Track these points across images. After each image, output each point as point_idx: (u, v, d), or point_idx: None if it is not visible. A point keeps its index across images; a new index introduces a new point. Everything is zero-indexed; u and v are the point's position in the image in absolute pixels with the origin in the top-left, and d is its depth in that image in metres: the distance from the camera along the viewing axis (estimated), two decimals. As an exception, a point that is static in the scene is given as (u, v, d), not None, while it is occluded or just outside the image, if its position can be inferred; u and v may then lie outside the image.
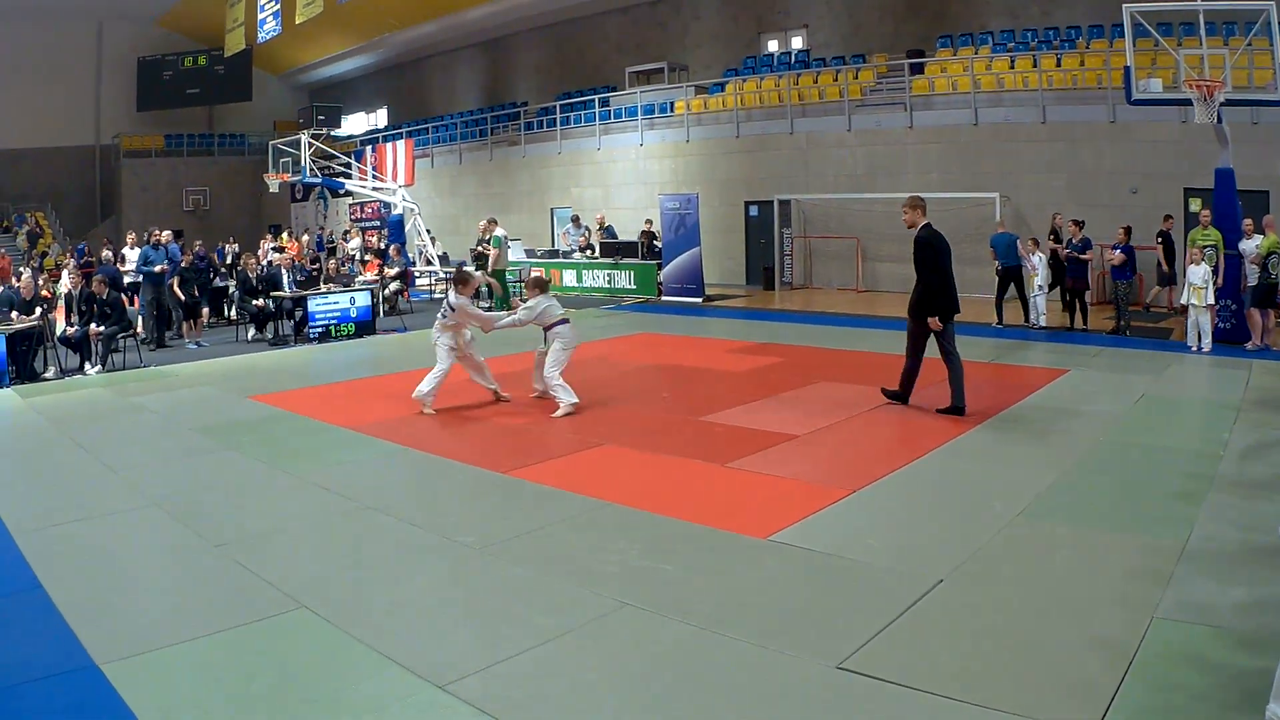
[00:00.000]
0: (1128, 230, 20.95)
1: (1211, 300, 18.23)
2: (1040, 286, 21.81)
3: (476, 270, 28.44)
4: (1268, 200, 22.35)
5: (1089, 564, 7.93)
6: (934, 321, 13.93)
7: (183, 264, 25.14)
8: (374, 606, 7.52)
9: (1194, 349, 18.18)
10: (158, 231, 24.89)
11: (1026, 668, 6.27)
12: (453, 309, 14.90)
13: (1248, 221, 19.13)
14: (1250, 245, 18.77)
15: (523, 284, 16.51)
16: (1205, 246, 18.58)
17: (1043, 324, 21.51)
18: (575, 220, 34.95)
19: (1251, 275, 18.65)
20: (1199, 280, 18.21)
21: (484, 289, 15.66)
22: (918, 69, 31.40)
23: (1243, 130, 21.99)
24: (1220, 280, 18.53)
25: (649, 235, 31.59)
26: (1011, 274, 22.36)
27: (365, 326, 24.37)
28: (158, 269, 23.15)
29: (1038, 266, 21.70)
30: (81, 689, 6.28)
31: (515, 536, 9.06)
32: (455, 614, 7.45)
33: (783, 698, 5.99)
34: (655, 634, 6.93)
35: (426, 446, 12.65)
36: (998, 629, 6.87)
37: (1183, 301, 18.94)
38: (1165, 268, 23.34)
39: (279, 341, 23.49)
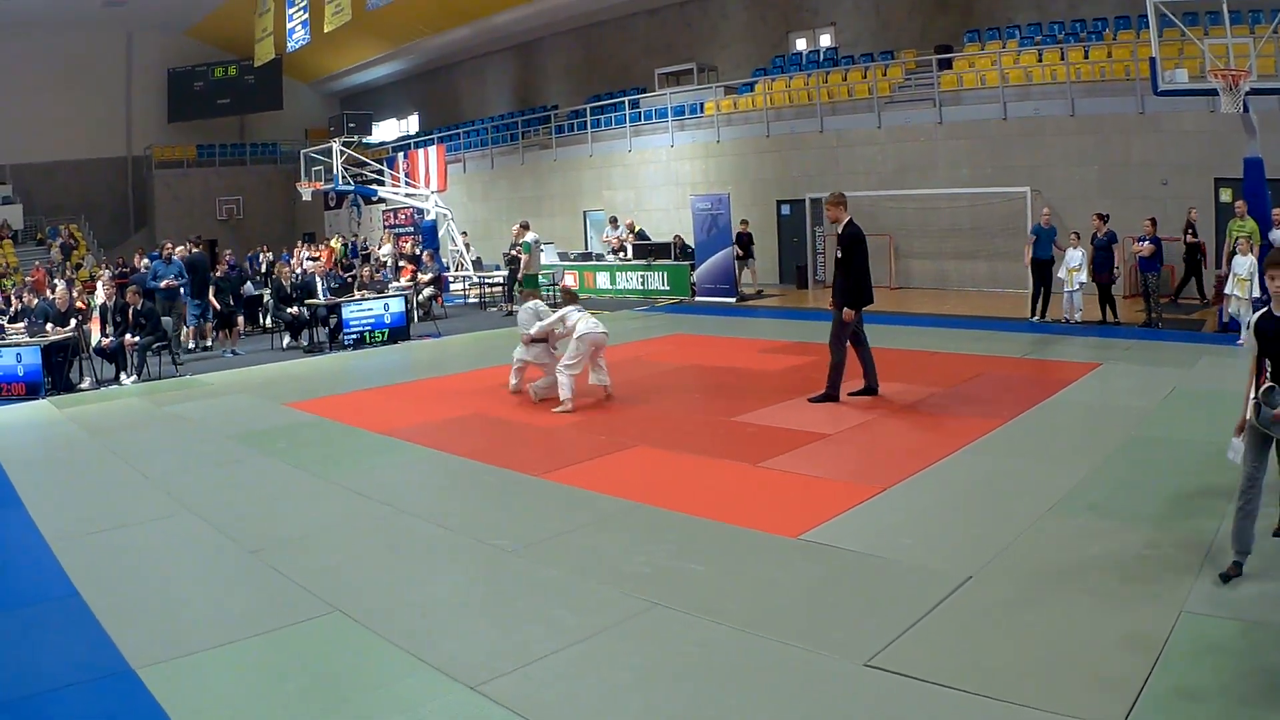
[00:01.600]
0: (1154, 222, 20.87)
1: (1257, 292, 17.97)
2: (1080, 282, 21.61)
3: (510, 273, 28.68)
4: (1299, 189, 22.13)
5: (1118, 559, 7.92)
6: (849, 313, 14.31)
7: (217, 274, 25.28)
8: (407, 609, 7.62)
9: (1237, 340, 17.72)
10: (169, 245, 24.84)
11: (1054, 663, 6.28)
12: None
13: (1278, 211, 19.00)
14: (1281, 235, 18.60)
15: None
16: (1240, 238, 18.41)
17: (1078, 319, 21.39)
18: (613, 221, 34.98)
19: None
20: (1244, 272, 17.87)
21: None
22: (946, 64, 31.31)
23: (1273, 119, 21.76)
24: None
25: (680, 242, 31.71)
26: (1041, 266, 22.25)
27: (400, 332, 24.48)
28: (164, 284, 23.04)
29: (1080, 262, 21.50)
30: (117, 693, 6.40)
31: (547, 539, 9.14)
32: (487, 616, 7.51)
33: (810, 696, 6.03)
34: (686, 634, 6.98)
35: (459, 450, 12.73)
36: (1026, 625, 6.89)
37: (1227, 292, 18.70)
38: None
39: (314, 349, 23.64)
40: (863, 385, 14.73)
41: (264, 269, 33.74)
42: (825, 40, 38.43)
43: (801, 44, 39.17)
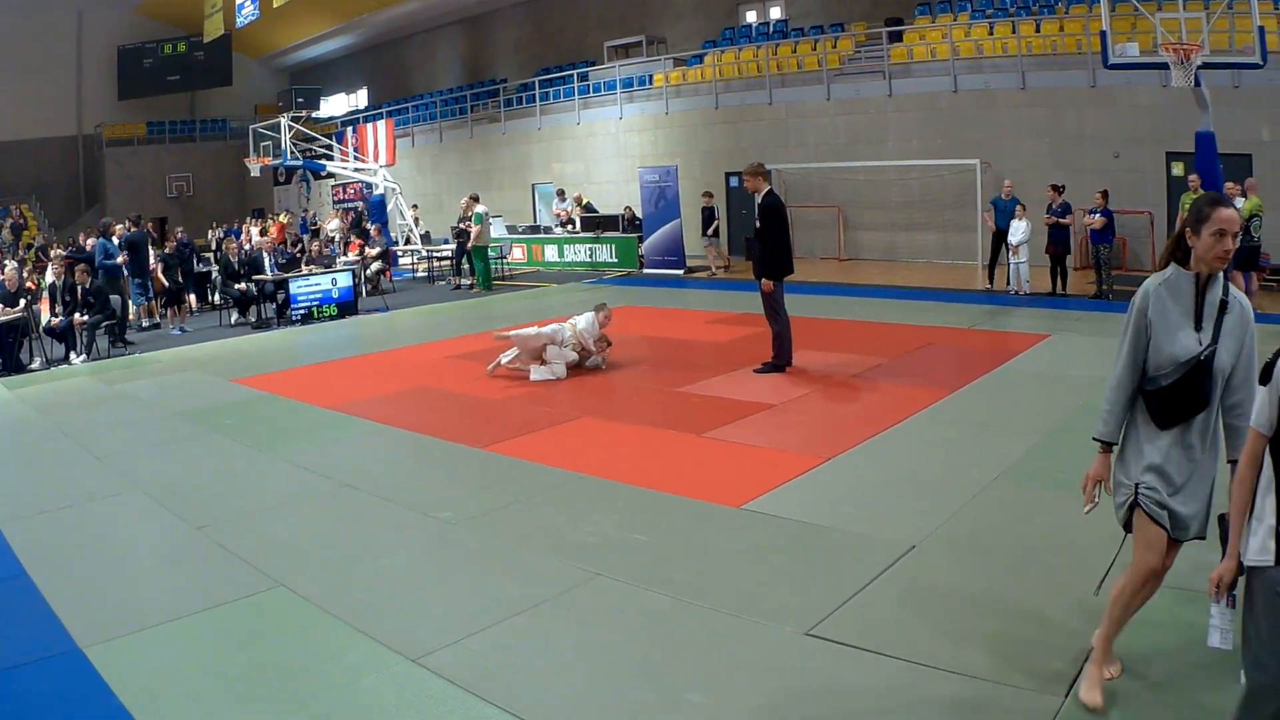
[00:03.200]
0: (1105, 194, 20.86)
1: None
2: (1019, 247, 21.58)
3: (459, 247, 28.53)
4: (1250, 163, 22.18)
5: (1066, 528, 7.82)
6: (767, 283, 14.34)
7: (166, 250, 25.04)
8: (352, 583, 7.58)
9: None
10: (112, 223, 24.53)
11: (999, 632, 6.24)
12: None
13: (1230, 184, 19.00)
14: (1233, 208, 18.56)
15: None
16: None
17: (1026, 290, 21.37)
18: (560, 194, 34.84)
19: (1233, 238, 18.48)
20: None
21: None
22: (896, 37, 31.23)
23: (1224, 94, 21.87)
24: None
25: (630, 213, 31.59)
26: (1001, 237, 22.22)
27: (348, 307, 24.25)
28: (119, 260, 22.77)
29: (1024, 235, 21.44)
30: (66, 673, 6.36)
31: (492, 511, 9.12)
32: (431, 588, 7.48)
33: (752, 665, 5.99)
34: (628, 604, 6.98)
35: (406, 424, 12.65)
36: (971, 594, 6.84)
37: None
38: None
39: (262, 325, 23.41)
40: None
41: (213, 245, 33.54)
42: (775, 13, 38.39)
43: (752, 16, 39.16)
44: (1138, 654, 5.79)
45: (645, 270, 29.97)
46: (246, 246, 26.87)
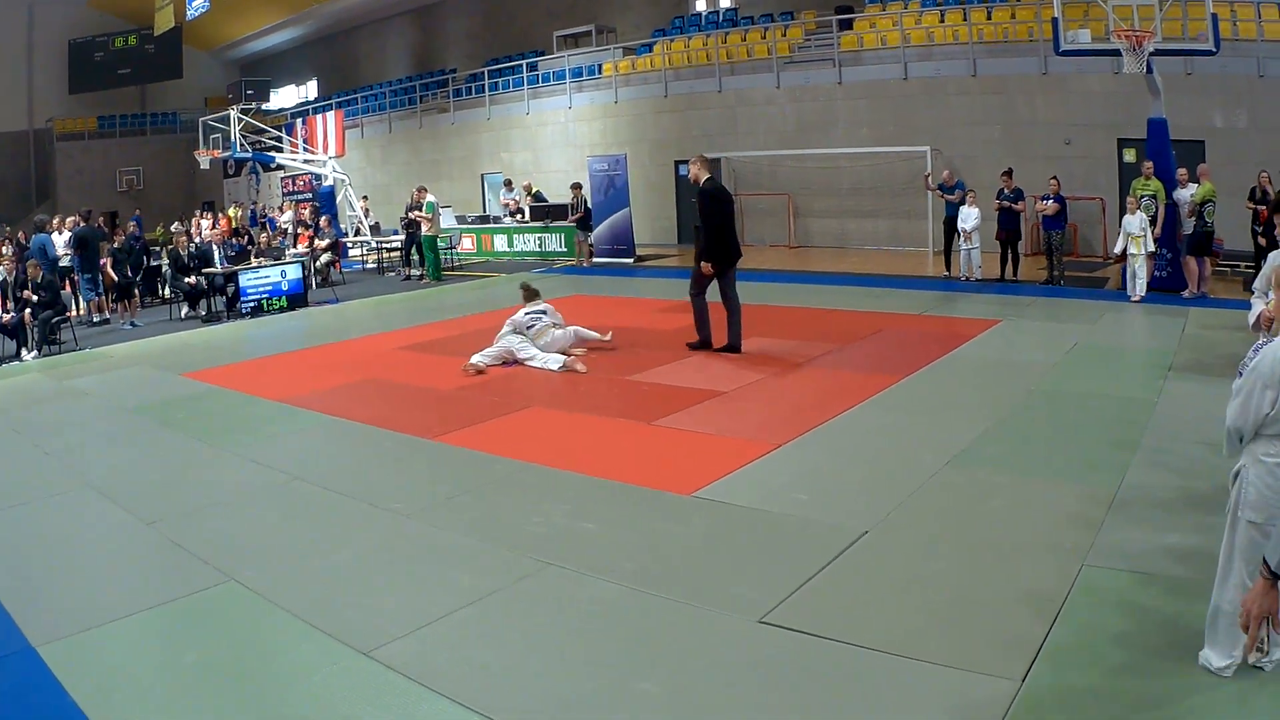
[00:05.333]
0: (1058, 180, 20.94)
1: (1151, 249, 18.23)
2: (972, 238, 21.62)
3: (408, 238, 28.37)
4: (1203, 150, 22.40)
5: (1019, 512, 7.87)
6: (707, 267, 14.67)
7: (115, 244, 24.78)
8: (303, 576, 7.53)
9: (1131, 297, 18.20)
10: (49, 220, 24.30)
11: (953, 618, 6.21)
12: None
13: (1182, 171, 19.12)
14: (1185, 194, 18.79)
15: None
16: (1144, 196, 18.52)
17: (978, 276, 21.41)
18: (508, 184, 34.72)
19: (1187, 224, 18.62)
20: (1137, 229, 18.23)
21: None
22: (846, 25, 31.26)
23: (1177, 81, 22.09)
24: (1159, 230, 18.47)
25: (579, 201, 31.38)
26: (953, 225, 22.27)
27: (297, 299, 24.03)
28: (62, 255, 22.43)
29: (974, 222, 21.44)
30: (18, 672, 6.31)
31: (442, 502, 9.07)
32: (381, 581, 7.41)
33: (704, 653, 5.97)
34: (579, 593, 6.95)
35: (356, 416, 12.56)
36: (924, 579, 6.82)
37: (1119, 250, 18.91)
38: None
39: (212, 318, 23.18)
40: (726, 342, 15.04)
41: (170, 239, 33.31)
42: (725, 1, 38.29)
43: (702, 4, 39.10)
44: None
45: (595, 259, 29.78)
46: (197, 239, 26.62)
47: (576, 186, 29.89)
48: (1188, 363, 13.10)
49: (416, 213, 27.52)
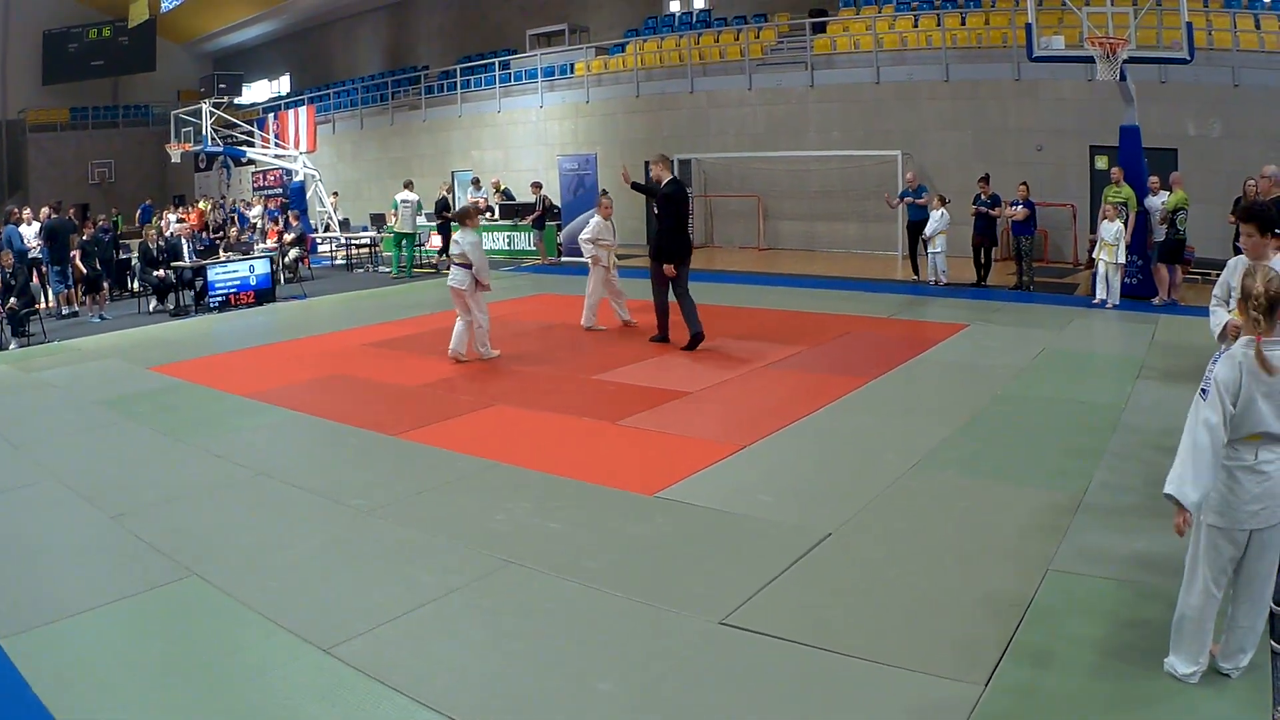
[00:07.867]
0: (1026, 186, 20.97)
1: (1123, 258, 18.27)
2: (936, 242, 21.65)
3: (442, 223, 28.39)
4: (1176, 158, 22.45)
5: (983, 517, 7.88)
6: (669, 268, 14.93)
7: (85, 236, 24.63)
8: (264, 572, 7.52)
9: (1102, 304, 18.23)
10: (15, 210, 24.16)
11: (916, 621, 6.20)
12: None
13: (1154, 178, 19.17)
14: (1157, 202, 18.83)
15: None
16: (1116, 203, 18.55)
17: (945, 280, 21.41)
18: (475, 182, 34.56)
19: (1158, 232, 18.66)
20: (1110, 237, 18.21)
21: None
22: (820, 28, 31.23)
23: (1151, 89, 22.18)
24: (1130, 237, 18.50)
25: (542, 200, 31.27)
26: (916, 229, 22.32)
27: (265, 294, 23.93)
28: (30, 247, 22.30)
29: (941, 225, 21.45)
30: None
31: (405, 498, 9.05)
32: (343, 577, 7.40)
33: (664, 654, 5.97)
34: (540, 592, 6.95)
35: (321, 412, 12.53)
36: (887, 582, 6.80)
37: (1093, 255, 18.97)
38: None
39: (180, 312, 23.06)
40: (688, 337, 15.17)
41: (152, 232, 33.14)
42: (699, 2, 38.36)
43: (675, 5, 39.10)
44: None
45: (564, 259, 29.62)
46: (167, 233, 26.48)
47: (536, 185, 29.87)
48: (1156, 369, 13.14)
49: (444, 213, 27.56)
